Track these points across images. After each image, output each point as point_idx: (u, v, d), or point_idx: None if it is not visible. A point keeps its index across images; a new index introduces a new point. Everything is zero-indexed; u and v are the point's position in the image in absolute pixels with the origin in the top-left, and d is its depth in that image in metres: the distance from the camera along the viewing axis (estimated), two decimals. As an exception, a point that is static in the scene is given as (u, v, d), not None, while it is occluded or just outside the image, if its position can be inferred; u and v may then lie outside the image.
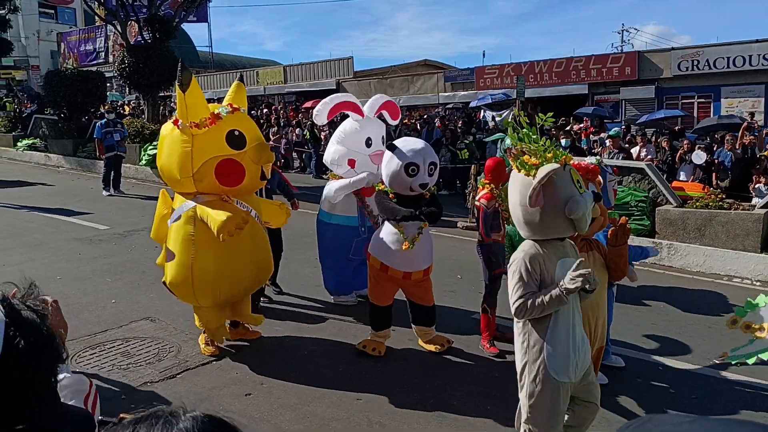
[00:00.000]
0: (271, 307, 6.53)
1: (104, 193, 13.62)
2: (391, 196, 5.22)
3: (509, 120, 3.43)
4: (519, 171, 3.19)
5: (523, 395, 3.28)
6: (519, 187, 3.17)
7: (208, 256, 4.88)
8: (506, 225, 5.54)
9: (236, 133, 4.81)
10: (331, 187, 6.48)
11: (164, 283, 5.24)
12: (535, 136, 3.25)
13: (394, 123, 7.74)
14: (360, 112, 6.50)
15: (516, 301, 3.07)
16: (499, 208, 5.37)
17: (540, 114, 3.62)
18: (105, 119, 14.30)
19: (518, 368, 3.30)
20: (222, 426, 0.94)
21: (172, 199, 5.26)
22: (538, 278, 3.11)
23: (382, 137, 6.38)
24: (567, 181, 3.12)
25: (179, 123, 4.80)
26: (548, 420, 3.20)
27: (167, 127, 5.01)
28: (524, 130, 3.29)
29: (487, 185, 5.43)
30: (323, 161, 7.01)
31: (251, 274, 5.20)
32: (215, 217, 4.59)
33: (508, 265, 3.24)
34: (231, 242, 4.72)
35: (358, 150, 6.31)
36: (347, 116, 6.62)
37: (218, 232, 4.53)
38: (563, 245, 3.25)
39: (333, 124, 17.21)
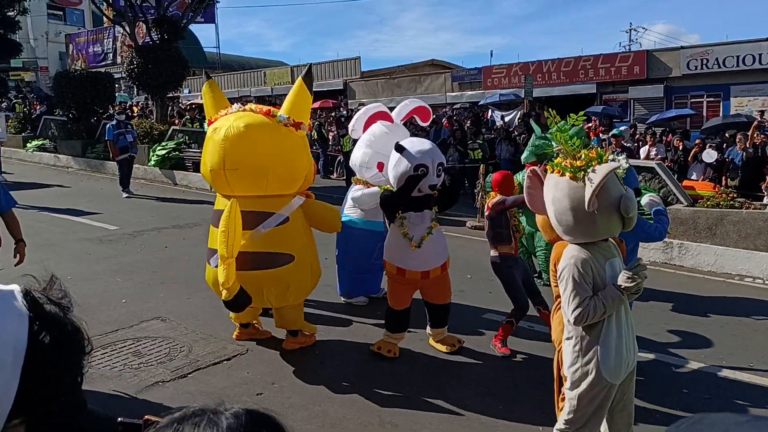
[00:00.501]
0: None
1: (123, 195, 13.57)
2: None
3: (554, 126, 3.33)
4: (562, 175, 3.08)
5: (570, 396, 3.19)
6: (568, 192, 3.06)
7: (315, 252, 5.36)
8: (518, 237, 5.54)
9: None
10: (362, 194, 6.44)
11: (227, 303, 4.78)
12: (572, 138, 3.18)
13: (424, 125, 7.95)
14: (389, 119, 6.57)
15: (575, 310, 2.99)
16: (510, 220, 5.40)
17: (572, 114, 3.56)
18: (116, 120, 14.20)
19: (566, 370, 3.21)
20: (264, 420, 0.92)
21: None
22: (591, 282, 3.03)
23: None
24: (615, 180, 3.09)
25: (302, 125, 5.10)
26: (593, 421, 3.16)
27: (263, 124, 4.83)
28: (559, 132, 3.23)
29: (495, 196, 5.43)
30: (351, 165, 6.91)
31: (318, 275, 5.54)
32: (331, 211, 5.44)
33: (559, 275, 3.12)
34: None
35: (387, 154, 6.27)
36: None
37: (335, 223, 5.48)
38: (608, 246, 3.19)
39: (340, 125, 17.26)
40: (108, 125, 14.29)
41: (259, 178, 4.80)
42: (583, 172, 3.00)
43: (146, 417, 1.22)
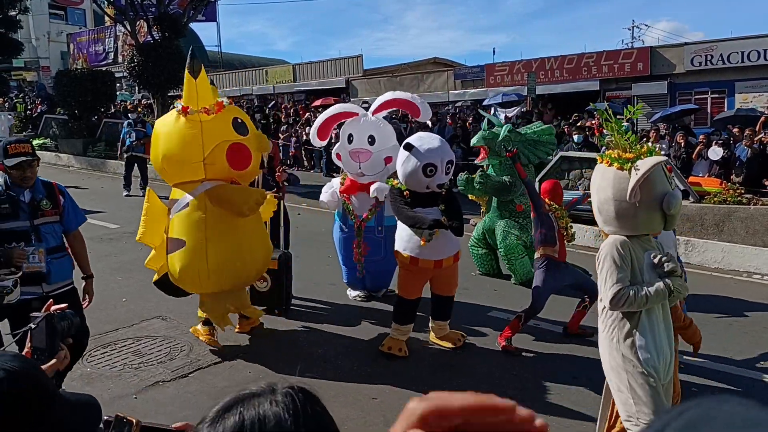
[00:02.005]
0: (283, 306, 6.46)
1: (124, 193, 13.56)
2: (405, 193, 5.13)
3: (603, 112, 3.34)
4: (610, 165, 3.07)
5: (620, 387, 3.08)
6: (612, 181, 3.05)
7: (221, 240, 4.93)
8: (565, 241, 5.52)
9: (239, 120, 4.99)
10: (324, 197, 6.76)
11: (156, 283, 5.35)
12: (623, 129, 3.17)
13: (420, 120, 7.90)
14: (352, 115, 6.67)
15: (611, 289, 2.94)
16: (556, 223, 5.40)
17: (629, 106, 3.59)
18: (129, 119, 14.07)
19: (606, 360, 3.16)
20: (313, 398, 0.94)
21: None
22: (629, 266, 3.01)
23: (371, 135, 6.42)
24: (662, 175, 3.05)
25: (188, 109, 4.83)
26: (655, 410, 3.03)
27: (169, 119, 5.02)
28: (613, 123, 3.19)
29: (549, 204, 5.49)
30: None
31: (257, 263, 5.22)
32: (239, 192, 4.84)
33: (597, 259, 3.10)
34: (237, 229, 4.92)
35: (342, 145, 6.60)
36: None
37: (242, 206, 4.74)
38: (648, 239, 3.16)
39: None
40: (121, 124, 14.25)
41: (158, 168, 5.20)
42: (630, 164, 2.98)
43: (117, 414, 1.31)
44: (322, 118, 6.77)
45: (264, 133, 6.32)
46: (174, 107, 5.04)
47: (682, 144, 12.06)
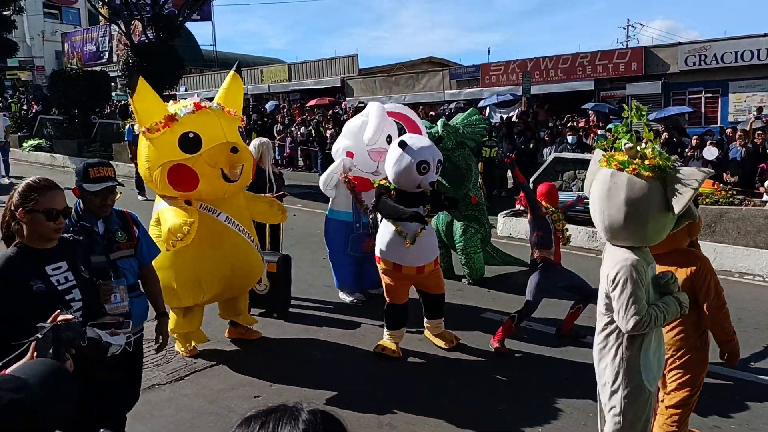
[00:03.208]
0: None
1: (140, 197, 13.02)
2: (392, 192, 5.18)
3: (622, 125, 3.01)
4: (636, 173, 2.80)
5: (616, 407, 3.01)
6: (647, 192, 2.78)
7: (185, 259, 4.73)
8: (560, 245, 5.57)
9: (191, 135, 4.56)
10: (321, 179, 6.65)
11: None
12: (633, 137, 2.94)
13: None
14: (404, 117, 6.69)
15: (633, 316, 2.79)
16: (552, 226, 5.44)
17: (637, 104, 3.18)
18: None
19: (609, 380, 3.01)
20: (335, 421, 1.04)
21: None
22: (646, 285, 2.87)
23: (389, 136, 6.36)
24: None
25: (135, 128, 4.74)
26: (642, 428, 3.04)
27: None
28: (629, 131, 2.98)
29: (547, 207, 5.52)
30: (331, 155, 7.04)
31: (233, 276, 5.00)
32: (169, 225, 4.43)
33: (613, 280, 2.85)
34: (206, 245, 4.70)
35: (358, 144, 6.40)
36: (357, 113, 6.73)
37: (164, 243, 4.39)
38: (647, 251, 3.01)
39: (338, 123, 17.22)
40: (128, 126, 13.64)
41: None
42: (648, 171, 2.77)
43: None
44: (381, 117, 6.33)
45: (262, 134, 6.20)
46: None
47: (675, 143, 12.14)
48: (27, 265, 2.57)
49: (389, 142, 6.18)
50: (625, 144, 2.91)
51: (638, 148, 2.88)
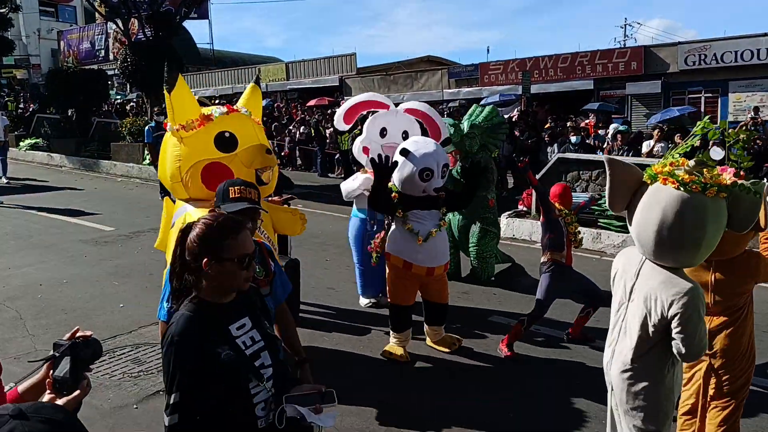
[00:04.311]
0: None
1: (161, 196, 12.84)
2: (394, 195, 5.13)
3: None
4: (701, 191, 2.60)
5: (643, 424, 2.89)
6: (710, 210, 2.61)
7: None
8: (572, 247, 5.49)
9: (227, 134, 4.46)
10: (345, 185, 6.43)
11: None
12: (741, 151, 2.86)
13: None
14: (384, 107, 6.43)
15: (699, 343, 2.66)
16: (565, 228, 5.37)
17: (708, 124, 2.99)
18: (154, 122, 13.07)
19: (644, 403, 2.87)
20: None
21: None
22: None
23: (404, 131, 6.25)
24: None
25: (168, 126, 4.55)
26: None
27: (167, 135, 4.73)
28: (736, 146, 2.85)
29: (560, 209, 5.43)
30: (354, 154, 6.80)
31: None
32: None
33: (679, 313, 2.64)
34: None
35: (372, 139, 6.28)
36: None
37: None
38: None
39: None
40: (147, 127, 13.18)
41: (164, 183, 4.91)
42: (718, 189, 2.60)
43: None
44: (352, 101, 6.48)
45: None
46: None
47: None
48: (210, 328, 2.08)
49: (405, 139, 6.05)
50: (693, 163, 2.69)
51: (704, 170, 2.67)
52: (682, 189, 2.62)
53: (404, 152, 5.04)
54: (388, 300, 5.42)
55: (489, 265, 7.35)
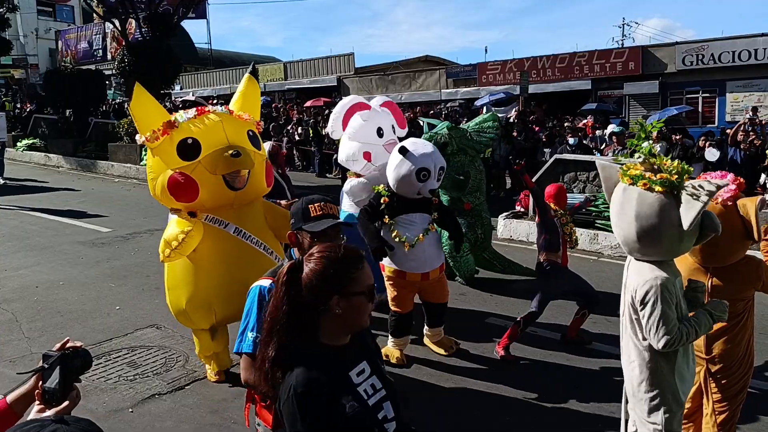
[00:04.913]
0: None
1: None
2: (384, 200, 5.10)
3: (641, 135, 2.93)
4: (648, 188, 2.75)
5: (658, 424, 2.92)
6: (658, 208, 2.72)
7: (194, 276, 4.52)
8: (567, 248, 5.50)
9: (189, 141, 4.27)
10: (350, 186, 6.28)
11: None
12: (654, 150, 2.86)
13: (402, 131, 6.76)
14: (366, 107, 6.38)
15: (665, 336, 2.74)
16: (561, 228, 5.38)
17: (647, 124, 3.04)
18: None
19: (647, 396, 2.93)
20: None
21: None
22: (676, 302, 2.80)
23: (392, 126, 6.30)
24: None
25: (136, 138, 4.47)
26: None
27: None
28: (645, 144, 2.88)
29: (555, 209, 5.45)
30: (339, 161, 6.74)
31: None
32: (165, 236, 4.38)
33: (642, 299, 2.78)
34: (214, 259, 4.42)
35: (371, 141, 6.17)
36: None
37: (161, 255, 4.37)
38: (673, 263, 2.93)
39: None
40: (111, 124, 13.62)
41: None
42: (691, 188, 2.69)
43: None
44: (341, 109, 6.37)
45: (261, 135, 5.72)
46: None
47: (679, 144, 12.07)
48: (331, 375, 1.81)
49: (380, 135, 6.11)
50: (637, 157, 2.87)
51: (652, 161, 2.83)
52: (636, 185, 2.79)
53: (403, 151, 5.03)
54: (393, 308, 5.36)
55: (462, 263, 7.30)
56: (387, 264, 5.18)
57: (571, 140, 12.00)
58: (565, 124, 15.19)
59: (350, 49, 29.92)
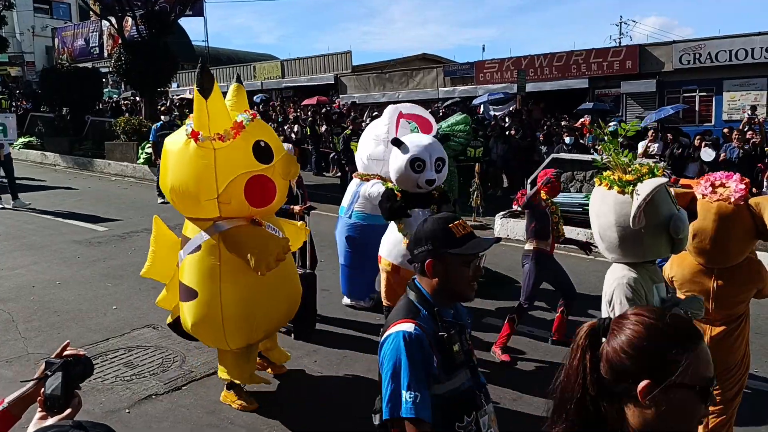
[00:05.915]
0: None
1: (159, 200, 12.17)
2: (398, 195, 5.12)
3: (605, 131, 3.00)
4: (610, 188, 2.85)
5: None
6: (614, 206, 2.82)
7: (239, 291, 4.14)
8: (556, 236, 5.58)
9: (262, 144, 4.06)
10: (371, 188, 6.21)
11: (170, 325, 4.71)
12: (618, 149, 2.92)
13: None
14: (425, 121, 6.25)
15: None
16: (551, 217, 5.48)
17: (623, 124, 3.14)
18: (161, 121, 12.89)
19: None
20: None
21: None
22: (642, 304, 2.76)
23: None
24: (666, 197, 2.82)
25: (199, 135, 3.93)
26: None
27: (178, 141, 4.11)
28: (608, 143, 2.94)
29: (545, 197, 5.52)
30: (357, 158, 6.63)
31: (285, 307, 4.47)
32: (258, 246, 3.91)
33: (608, 297, 2.82)
34: (258, 277, 4.02)
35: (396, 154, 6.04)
36: (350, 113, 6.52)
37: (257, 266, 3.83)
38: (655, 269, 2.94)
39: (330, 121, 17.07)
40: (153, 126, 13.04)
41: (168, 197, 4.32)
42: (631, 187, 2.76)
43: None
44: (392, 115, 5.95)
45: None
46: (185, 126, 4.13)
47: (672, 143, 12.10)
48: None
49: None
50: (604, 159, 2.97)
51: (619, 162, 2.90)
52: (601, 184, 2.92)
53: (396, 142, 5.10)
54: (384, 302, 5.39)
55: None
56: (385, 256, 5.18)
57: (567, 139, 12.01)
58: (562, 123, 15.21)
59: (347, 47, 30.00)
